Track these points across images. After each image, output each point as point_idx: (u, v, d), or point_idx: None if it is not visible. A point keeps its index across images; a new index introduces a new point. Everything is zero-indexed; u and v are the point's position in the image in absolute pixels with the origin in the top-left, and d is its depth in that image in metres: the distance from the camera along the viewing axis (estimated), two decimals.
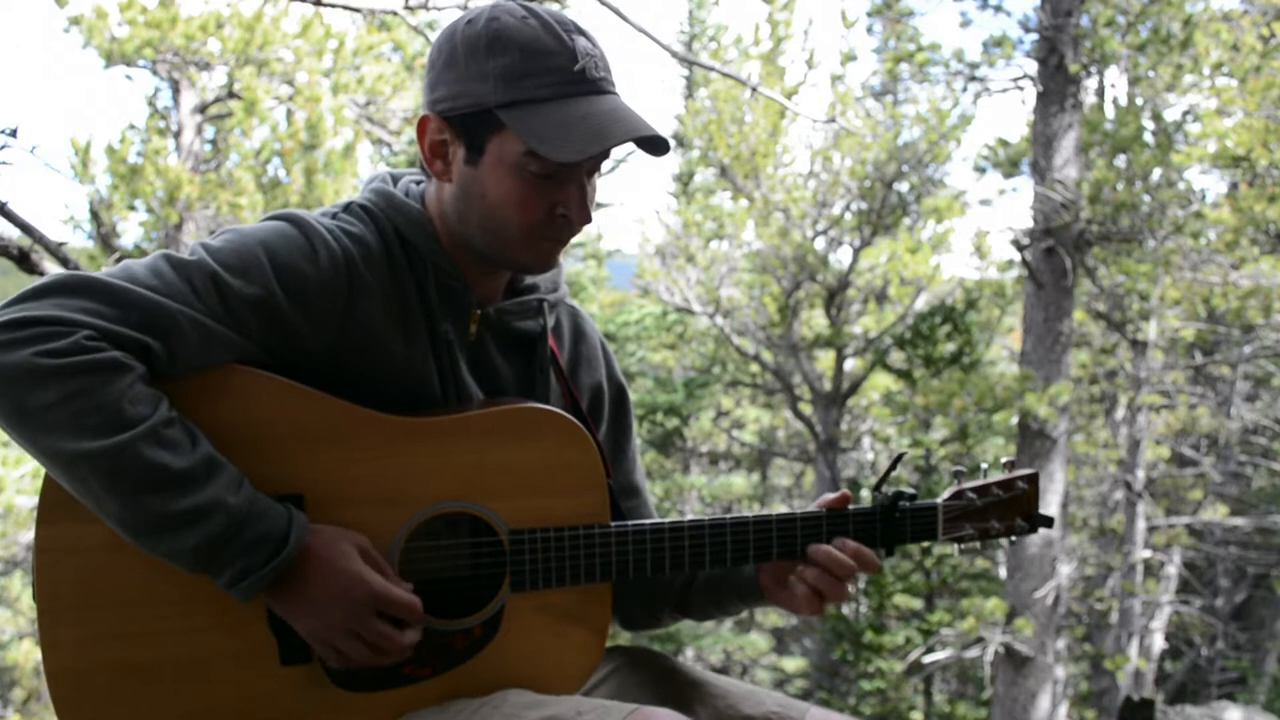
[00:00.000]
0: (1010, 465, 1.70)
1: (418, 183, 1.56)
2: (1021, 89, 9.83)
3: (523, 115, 1.37)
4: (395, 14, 3.36)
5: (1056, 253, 9.22)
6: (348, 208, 1.49)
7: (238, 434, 1.35)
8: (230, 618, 1.35)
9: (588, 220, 1.45)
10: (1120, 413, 13.53)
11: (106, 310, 1.26)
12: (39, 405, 1.21)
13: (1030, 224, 9.46)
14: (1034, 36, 9.44)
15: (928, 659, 10.87)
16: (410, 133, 9.16)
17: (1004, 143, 11.61)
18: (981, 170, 12.52)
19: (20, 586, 10.85)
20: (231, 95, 8.70)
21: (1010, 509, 1.69)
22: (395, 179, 1.56)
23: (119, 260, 1.39)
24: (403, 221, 1.48)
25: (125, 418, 1.22)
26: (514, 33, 1.38)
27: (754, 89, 3.80)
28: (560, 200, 1.43)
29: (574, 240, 1.64)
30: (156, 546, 1.26)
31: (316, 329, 1.39)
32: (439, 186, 1.48)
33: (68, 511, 1.29)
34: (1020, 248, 9.37)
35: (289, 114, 8.40)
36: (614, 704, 1.35)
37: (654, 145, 1.43)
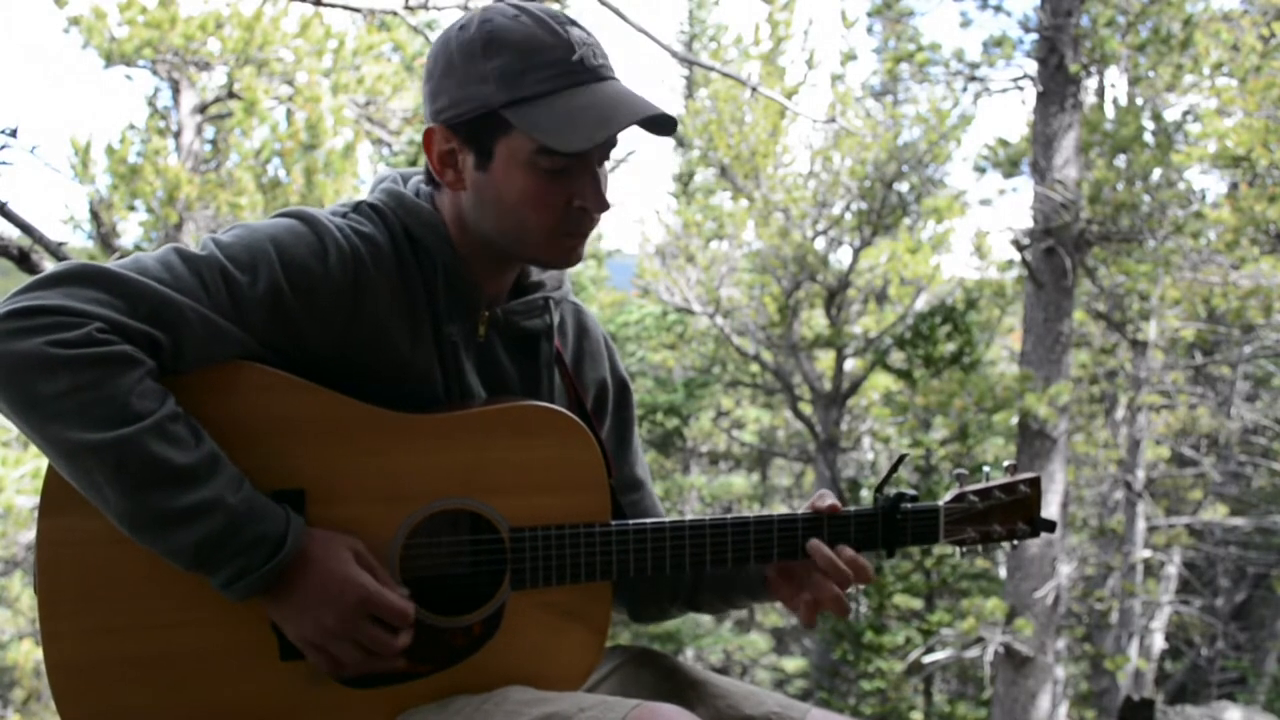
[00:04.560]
0: (1012, 469, 1.69)
1: (426, 184, 1.56)
2: (1021, 89, 9.84)
3: (527, 112, 1.37)
4: (395, 14, 3.36)
5: (1056, 253, 9.22)
6: (358, 207, 1.49)
7: (241, 428, 1.35)
8: (231, 613, 1.35)
9: (606, 208, 1.44)
10: (1120, 413, 13.52)
11: (116, 302, 1.26)
12: (48, 394, 1.21)
13: (1030, 224, 9.45)
14: (1034, 36, 9.44)
15: (928, 659, 10.87)
16: (410, 132, 9.16)
17: (1004, 143, 11.60)
18: (981, 170, 12.51)
19: (20, 586, 10.84)
20: (231, 95, 8.70)
21: (1012, 512, 1.68)
22: (405, 179, 1.56)
23: (122, 257, 1.39)
24: (414, 223, 1.47)
25: (132, 411, 1.22)
26: (508, 32, 1.38)
27: (754, 89, 3.80)
28: (575, 192, 1.42)
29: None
30: (155, 542, 1.26)
31: (323, 326, 1.39)
32: (453, 194, 1.48)
33: (70, 504, 1.29)
34: (1020, 248, 9.37)
35: (289, 114, 8.40)
36: (616, 700, 1.35)
37: (661, 124, 1.42)
